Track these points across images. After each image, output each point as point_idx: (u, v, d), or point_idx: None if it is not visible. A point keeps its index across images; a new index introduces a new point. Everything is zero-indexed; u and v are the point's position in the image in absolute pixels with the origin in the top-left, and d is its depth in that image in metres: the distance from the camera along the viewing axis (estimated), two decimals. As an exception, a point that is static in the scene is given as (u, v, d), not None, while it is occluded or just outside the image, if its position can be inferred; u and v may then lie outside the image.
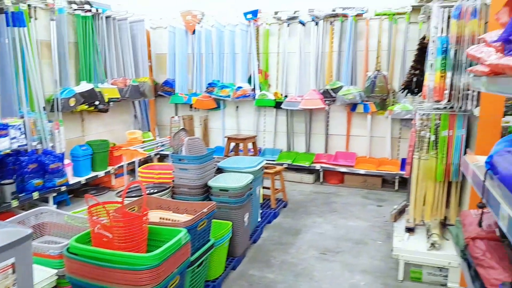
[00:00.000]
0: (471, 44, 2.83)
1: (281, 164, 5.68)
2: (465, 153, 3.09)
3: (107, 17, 5.65)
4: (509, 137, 1.52)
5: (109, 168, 5.49)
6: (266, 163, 4.64)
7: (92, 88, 5.19)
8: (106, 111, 5.60)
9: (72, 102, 4.90)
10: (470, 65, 2.60)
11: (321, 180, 5.93)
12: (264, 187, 4.53)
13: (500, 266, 1.44)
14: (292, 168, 5.96)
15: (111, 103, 5.50)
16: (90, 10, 5.32)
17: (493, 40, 1.40)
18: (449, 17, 3.02)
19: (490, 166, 1.41)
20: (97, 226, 2.20)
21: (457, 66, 2.97)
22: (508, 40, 1.26)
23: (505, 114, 2.86)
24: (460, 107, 2.99)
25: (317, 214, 4.63)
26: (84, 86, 5.15)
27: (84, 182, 5.05)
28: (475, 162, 1.68)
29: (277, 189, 4.84)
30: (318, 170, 5.88)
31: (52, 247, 2.35)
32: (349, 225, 4.31)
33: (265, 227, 4.19)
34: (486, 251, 1.54)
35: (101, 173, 5.34)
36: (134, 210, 2.73)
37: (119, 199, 2.70)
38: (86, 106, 5.11)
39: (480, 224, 1.53)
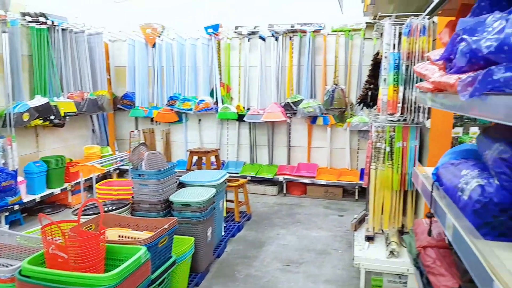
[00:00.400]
0: (421, 59, 2.98)
1: (245, 177, 5.69)
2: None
3: (63, 30, 5.50)
4: (453, 149, 1.61)
5: (66, 185, 5.29)
6: (230, 176, 4.64)
7: (47, 102, 5.03)
8: (62, 125, 5.42)
9: (25, 117, 4.71)
10: (421, 80, 2.74)
11: (284, 191, 5.99)
12: (227, 200, 4.52)
13: (449, 273, 1.51)
14: (255, 180, 5.99)
15: (67, 117, 5.35)
16: (45, 23, 5.16)
17: (436, 59, 1.48)
18: (400, 34, 3.17)
19: (436, 177, 1.49)
20: (51, 246, 2.11)
21: (409, 80, 3.11)
22: (449, 59, 1.34)
23: (454, 126, 3.04)
24: (413, 120, 3.13)
25: (281, 226, 4.66)
26: (39, 100, 4.98)
27: (39, 200, 4.85)
28: (423, 173, 1.76)
29: (240, 202, 4.83)
30: (281, 181, 5.94)
31: (2, 271, 2.23)
32: (312, 235, 4.37)
33: (229, 241, 4.17)
34: (436, 259, 1.61)
35: (57, 190, 5.14)
36: (91, 228, 2.65)
37: (76, 218, 2.61)
38: (41, 121, 4.94)
39: (429, 233, 1.60)
